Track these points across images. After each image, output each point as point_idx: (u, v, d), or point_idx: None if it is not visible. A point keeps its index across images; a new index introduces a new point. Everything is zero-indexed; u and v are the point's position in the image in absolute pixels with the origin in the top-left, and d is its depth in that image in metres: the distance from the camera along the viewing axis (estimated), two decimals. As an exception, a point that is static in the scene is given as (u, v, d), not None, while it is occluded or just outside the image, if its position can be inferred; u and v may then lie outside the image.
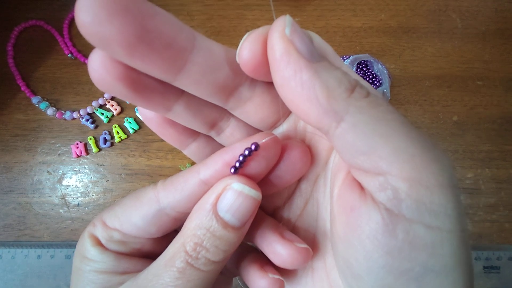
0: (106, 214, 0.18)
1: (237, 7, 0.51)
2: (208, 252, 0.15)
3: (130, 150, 0.47)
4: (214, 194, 0.15)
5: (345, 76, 0.14)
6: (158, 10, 0.13)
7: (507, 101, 0.48)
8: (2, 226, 0.45)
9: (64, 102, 0.49)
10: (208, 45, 0.15)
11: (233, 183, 0.15)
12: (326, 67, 0.14)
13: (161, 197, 0.16)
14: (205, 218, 0.15)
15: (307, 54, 0.13)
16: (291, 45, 0.13)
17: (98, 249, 0.17)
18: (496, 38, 0.50)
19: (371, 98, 0.14)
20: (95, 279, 0.17)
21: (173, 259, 0.15)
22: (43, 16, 0.51)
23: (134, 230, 0.17)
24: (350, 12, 0.51)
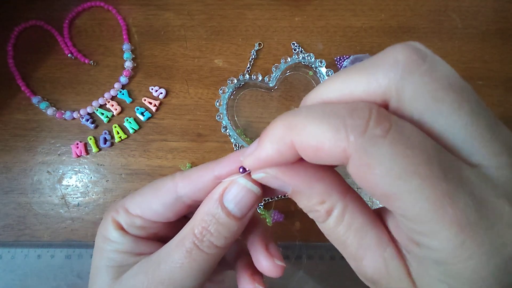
0: (129, 203, 0.20)
1: (237, 7, 0.51)
2: (212, 236, 0.18)
3: (130, 150, 0.47)
4: (222, 186, 0.18)
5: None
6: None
7: (508, 101, 0.48)
8: (2, 226, 0.45)
9: (64, 102, 0.49)
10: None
11: (239, 178, 0.18)
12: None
13: (179, 187, 0.19)
14: (212, 206, 0.18)
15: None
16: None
17: (120, 233, 0.20)
18: (496, 38, 0.50)
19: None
20: (115, 257, 0.19)
21: (183, 240, 0.18)
22: (43, 16, 0.51)
23: (155, 215, 0.20)
24: (350, 12, 0.51)
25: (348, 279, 0.44)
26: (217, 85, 0.48)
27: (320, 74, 0.47)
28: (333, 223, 0.16)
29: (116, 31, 0.50)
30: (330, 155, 0.13)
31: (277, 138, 0.15)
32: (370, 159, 0.12)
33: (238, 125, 0.47)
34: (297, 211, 0.46)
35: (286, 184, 0.16)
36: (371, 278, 0.16)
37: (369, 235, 0.16)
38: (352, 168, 0.13)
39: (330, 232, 0.17)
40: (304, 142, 0.14)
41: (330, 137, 0.13)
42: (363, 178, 0.13)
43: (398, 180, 0.12)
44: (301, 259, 0.44)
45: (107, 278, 0.19)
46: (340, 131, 0.13)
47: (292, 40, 0.50)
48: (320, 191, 0.16)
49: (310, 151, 0.14)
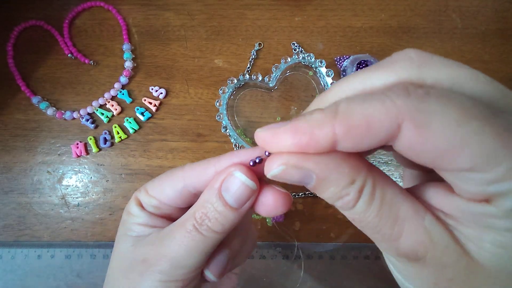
0: (150, 184, 0.23)
1: (238, 7, 0.51)
2: (210, 222, 0.19)
3: (130, 150, 0.47)
4: (221, 177, 0.19)
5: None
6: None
7: (507, 101, 0.48)
8: (2, 226, 0.45)
9: (64, 102, 0.49)
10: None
11: (235, 171, 0.19)
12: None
13: (186, 177, 0.21)
14: (212, 195, 0.20)
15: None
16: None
17: (139, 208, 0.23)
18: (496, 38, 0.50)
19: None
20: (134, 228, 0.22)
21: (185, 222, 0.20)
22: (43, 16, 0.51)
23: (166, 199, 0.22)
24: (350, 12, 0.51)
25: (347, 279, 0.44)
26: (217, 85, 0.48)
27: (320, 74, 0.47)
28: (365, 203, 0.15)
29: (116, 31, 0.50)
30: (379, 130, 0.13)
31: (316, 122, 0.14)
32: (424, 114, 0.13)
33: (238, 125, 0.47)
34: (297, 211, 0.46)
35: (309, 174, 0.15)
36: (414, 255, 0.15)
37: (404, 207, 0.15)
38: (407, 134, 0.13)
39: (361, 217, 0.16)
40: (351, 124, 0.13)
41: (378, 110, 0.13)
42: (420, 139, 0.13)
43: (458, 127, 0.12)
44: (301, 259, 0.45)
45: (127, 244, 0.22)
46: (385, 101, 0.13)
47: (292, 40, 0.50)
48: (348, 170, 0.15)
49: (358, 133, 0.13)
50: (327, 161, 0.15)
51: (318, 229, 0.45)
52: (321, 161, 0.15)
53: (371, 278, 0.44)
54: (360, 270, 0.44)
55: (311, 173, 0.15)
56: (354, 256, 0.45)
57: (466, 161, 0.13)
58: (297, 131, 0.14)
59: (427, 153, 0.13)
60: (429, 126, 0.12)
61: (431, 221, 0.15)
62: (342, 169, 0.15)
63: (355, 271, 0.44)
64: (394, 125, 0.13)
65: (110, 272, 0.23)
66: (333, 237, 0.45)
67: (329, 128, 0.14)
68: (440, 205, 0.15)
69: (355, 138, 0.14)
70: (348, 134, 0.14)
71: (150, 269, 0.20)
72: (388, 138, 0.13)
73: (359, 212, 0.16)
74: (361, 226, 0.16)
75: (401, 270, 0.17)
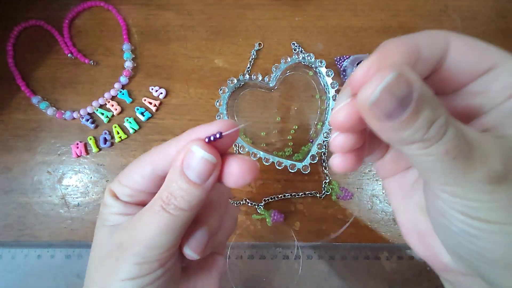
0: (121, 174, 0.23)
1: (238, 7, 0.51)
2: (176, 200, 0.20)
3: (130, 150, 0.47)
4: (181, 155, 0.20)
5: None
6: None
7: (507, 101, 0.48)
8: (2, 226, 0.45)
9: (64, 102, 0.49)
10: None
11: (193, 146, 0.20)
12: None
13: (152, 161, 0.22)
14: (175, 174, 0.20)
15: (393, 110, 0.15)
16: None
17: (113, 199, 0.23)
18: (496, 39, 0.50)
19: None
20: (109, 218, 0.23)
21: (153, 204, 0.20)
22: (43, 16, 0.51)
23: (137, 185, 0.22)
24: (350, 12, 0.51)
25: (347, 279, 0.44)
26: (217, 85, 0.48)
27: (320, 74, 0.47)
28: (455, 131, 0.15)
29: (116, 31, 0.50)
30: (440, 40, 0.19)
31: (408, 41, 0.19)
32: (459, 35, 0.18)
33: (238, 125, 0.47)
34: (297, 211, 0.46)
35: (411, 92, 0.14)
36: (503, 172, 0.15)
37: (472, 133, 0.16)
38: (454, 46, 0.19)
39: (453, 144, 0.15)
40: (424, 37, 0.19)
41: (435, 32, 0.19)
42: (464, 49, 0.19)
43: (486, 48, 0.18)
44: (300, 259, 0.45)
45: (104, 234, 0.23)
46: (438, 32, 0.19)
47: (292, 40, 0.50)
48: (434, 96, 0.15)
49: (429, 41, 0.18)
50: (422, 82, 0.15)
51: (318, 229, 0.45)
52: (419, 80, 0.15)
53: (371, 278, 0.44)
54: (360, 270, 0.44)
55: (414, 91, 0.14)
56: (354, 256, 0.45)
57: (493, 58, 0.18)
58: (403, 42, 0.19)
59: (469, 57, 0.18)
60: (464, 38, 0.18)
61: (504, 133, 0.17)
62: (433, 96, 0.15)
63: (355, 271, 0.44)
64: (446, 39, 0.19)
65: (90, 262, 0.24)
66: (333, 237, 0.45)
67: (415, 45, 0.19)
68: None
69: (429, 46, 0.18)
70: (425, 43, 0.19)
71: (125, 253, 0.21)
72: (445, 48, 0.19)
73: (451, 139, 0.15)
74: (454, 157, 0.15)
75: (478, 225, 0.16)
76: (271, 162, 0.44)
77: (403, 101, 0.14)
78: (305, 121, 0.48)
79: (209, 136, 0.20)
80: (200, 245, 0.23)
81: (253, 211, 0.46)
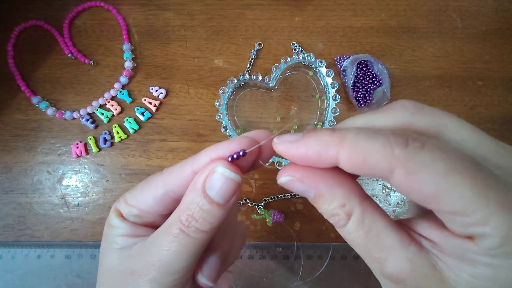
0: (128, 194, 0.22)
1: (238, 7, 0.51)
2: (197, 222, 0.19)
3: (130, 150, 0.47)
4: (204, 175, 0.19)
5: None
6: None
7: (508, 101, 0.48)
8: (2, 226, 0.45)
9: (64, 102, 0.49)
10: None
11: (218, 166, 0.19)
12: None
13: (165, 183, 0.21)
14: (196, 195, 0.19)
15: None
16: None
17: (120, 219, 0.22)
18: (497, 38, 0.50)
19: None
20: (116, 240, 0.22)
21: (170, 227, 0.20)
22: (43, 16, 0.51)
23: (147, 207, 0.22)
24: (350, 12, 0.51)
25: (347, 279, 0.44)
26: (217, 85, 0.48)
27: (320, 74, 0.47)
28: (354, 226, 0.17)
29: (116, 31, 0.50)
30: (374, 167, 0.16)
31: (325, 143, 0.17)
32: (415, 165, 0.15)
33: (238, 125, 0.47)
34: (297, 211, 0.46)
35: (309, 189, 0.18)
36: (396, 278, 0.17)
37: (390, 236, 0.17)
38: (398, 177, 0.15)
39: (351, 237, 0.18)
40: (353, 155, 0.16)
41: (378, 151, 0.15)
42: (409, 184, 0.15)
43: (442, 178, 0.14)
44: (301, 259, 0.45)
45: (113, 258, 0.21)
46: (386, 147, 0.15)
47: (292, 40, 0.50)
48: (341, 195, 0.18)
49: (356, 163, 0.16)
50: (325, 182, 0.18)
51: (318, 229, 0.45)
52: (320, 181, 0.18)
53: (371, 278, 0.44)
54: (359, 270, 0.44)
55: (310, 189, 0.18)
56: (354, 256, 0.45)
57: (448, 206, 0.15)
58: (307, 148, 0.17)
59: (415, 195, 0.16)
60: (417, 174, 0.15)
61: (414, 251, 0.17)
62: (336, 191, 0.18)
63: (355, 271, 0.44)
64: (388, 168, 0.15)
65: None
66: (333, 237, 0.45)
67: (334, 151, 0.16)
68: (430, 236, 0.17)
69: (353, 166, 0.16)
70: (348, 161, 0.16)
71: (139, 280, 0.20)
72: (381, 176, 0.16)
73: (348, 232, 0.18)
74: (352, 245, 0.18)
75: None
76: (271, 162, 0.44)
77: (306, 191, 0.18)
78: (305, 121, 0.48)
79: (233, 154, 0.19)
80: (214, 272, 0.22)
81: (253, 211, 0.46)
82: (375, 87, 0.46)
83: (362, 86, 0.47)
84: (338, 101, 0.45)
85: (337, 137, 0.16)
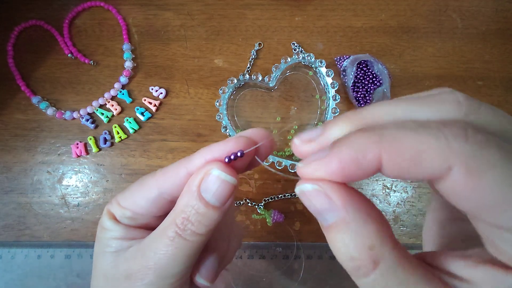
0: (120, 196, 0.22)
1: (238, 7, 0.51)
2: (193, 226, 0.19)
3: (130, 150, 0.47)
4: (198, 178, 0.19)
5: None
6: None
7: (508, 101, 0.48)
8: (2, 226, 0.45)
9: (64, 102, 0.49)
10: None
11: (213, 169, 0.18)
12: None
13: (159, 184, 0.20)
14: (191, 198, 0.19)
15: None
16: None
17: (113, 222, 0.21)
18: (497, 38, 0.50)
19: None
20: (111, 243, 0.21)
21: (166, 230, 0.19)
22: (43, 16, 0.51)
23: (140, 209, 0.21)
24: (350, 12, 0.51)
25: (347, 279, 0.44)
26: (217, 85, 0.48)
27: (320, 74, 0.47)
28: (379, 280, 0.14)
29: (116, 31, 0.50)
30: (427, 167, 0.12)
31: (360, 147, 0.13)
32: (480, 164, 0.12)
33: (238, 125, 0.47)
34: (297, 211, 0.46)
35: (333, 209, 0.14)
36: None
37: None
38: (456, 177, 0.12)
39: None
40: (400, 153, 0.13)
41: (431, 146, 0.12)
42: (470, 187, 0.12)
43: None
44: (301, 259, 0.45)
45: (107, 262, 0.21)
46: (440, 139, 0.12)
47: (292, 40, 0.50)
48: (372, 231, 0.14)
49: (403, 164, 0.13)
50: (357, 206, 0.14)
51: (318, 229, 0.45)
52: (352, 203, 0.14)
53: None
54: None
55: (336, 209, 0.14)
56: (354, 256, 0.45)
57: (510, 220, 0.12)
58: (341, 159, 0.14)
59: (472, 202, 0.12)
60: (483, 176, 0.12)
61: None
62: (367, 225, 0.14)
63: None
64: (445, 166, 0.12)
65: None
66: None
67: (374, 153, 0.13)
68: (467, 274, 0.14)
69: (399, 168, 0.13)
70: (393, 163, 0.13)
71: (136, 284, 0.19)
72: (434, 177, 0.13)
73: (368, 286, 0.14)
74: None
75: None
76: (271, 162, 0.44)
77: (323, 214, 0.15)
78: (305, 121, 0.48)
79: (229, 155, 0.19)
80: (212, 273, 0.22)
81: (253, 211, 0.46)
82: (375, 87, 0.46)
83: (362, 86, 0.47)
84: (338, 101, 0.45)
85: (374, 135, 0.13)
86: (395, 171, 0.13)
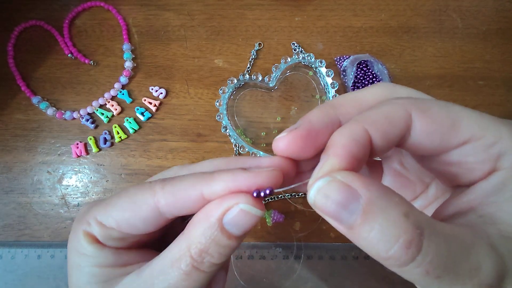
0: (101, 215, 0.18)
1: (238, 7, 0.51)
2: (213, 258, 0.17)
3: (130, 150, 0.47)
4: (221, 208, 0.16)
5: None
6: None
7: (509, 100, 0.48)
8: (2, 226, 0.45)
9: (64, 102, 0.49)
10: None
11: (241, 203, 0.16)
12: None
13: (161, 205, 0.17)
14: (210, 229, 0.16)
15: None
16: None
17: (96, 246, 0.18)
18: (497, 38, 0.50)
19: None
20: (96, 273, 0.18)
21: (179, 261, 0.17)
22: (43, 16, 0.51)
23: (134, 230, 0.18)
24: (350, 12, 0.51)
25: (347, 279, 0.44)
26: (217, 85, 0.48)
27: (320, 74, 0.47)
28: (431, 248, 0.13)
29: (116, 31, 0.50)
30: (399, 119, 0.16)
31: (353, 128, 0.16)
32: (425, 104, 0.17)
33: (238, 125, 0.47)
34: (297, 211, 0.46)
35: (356, 195, 0.13)
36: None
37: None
38: (416, 119, 0.16)
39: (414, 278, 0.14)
40: (376, 120, 0.16)
41: (393, 107, 0.17)
42: (427, 121, 0.16)
43: (449, 107, 0.17)
44: (301, 259, 0.44)
45: None
46: (398, 103, 0.17)
47: (292, 40, 0.50)
48: (400, 200, 0.13)
49: (384, 125, 0.16)
50: (375, 182, 0.14)
51: (318, 229, 0.45)
52: (369, 181, 0.14)
53: (371, 278, 0.44)
54: (360, 270, 0.44)
55: (357, 195, 0.13)
56: (354, 256, 0.45)
57: (465, 133, 0.16)
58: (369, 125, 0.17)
59: (435, 135, 0.16)
60: (430, 109, 0.16)
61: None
62: (393, 196, 0.13)
63: (355, 271, 0.44)
64: (407, 115, 0.16)
65: None
66: (333, 237, 0.45)
67: (361, 127, 0.16)
68: (470, 201, 0.17)
69: (382, 132, 0.16)
70: (376, 128, 0.16)
71: None
72: (405, 128, 0.16)
73: (428, 259, 0.13)
74: (436, 277, 0.13)
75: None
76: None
77: (346, 206, 0.14)
78: (305, 121, 0.48)
79: (259, 191, 0.17)
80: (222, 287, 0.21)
81: (253, 211, 0.46)
82: (375, 87, 0.46)
83: (362, 86, 0.47)
84: (338, 101, 0.45)
85: (361, 118, 0.17)
86: (380, 135, 0.16)
